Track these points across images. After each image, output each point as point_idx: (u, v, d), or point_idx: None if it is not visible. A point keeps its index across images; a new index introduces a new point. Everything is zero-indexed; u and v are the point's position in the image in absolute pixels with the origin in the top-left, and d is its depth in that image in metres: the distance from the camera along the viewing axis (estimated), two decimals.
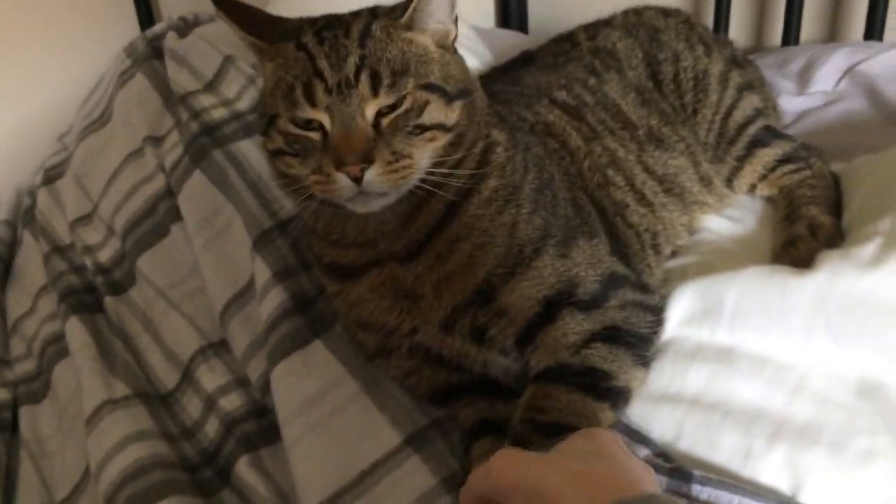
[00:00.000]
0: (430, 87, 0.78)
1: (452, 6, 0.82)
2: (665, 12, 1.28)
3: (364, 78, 0.74)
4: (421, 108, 0.77)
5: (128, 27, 1.68)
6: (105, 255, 1.25)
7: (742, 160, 1.13)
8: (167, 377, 1.08)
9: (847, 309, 0.85)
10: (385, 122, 0.75)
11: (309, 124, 0.76)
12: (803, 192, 1.08)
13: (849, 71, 1.41)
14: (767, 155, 1.12)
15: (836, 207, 1.07)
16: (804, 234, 1.02)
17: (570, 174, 0.96)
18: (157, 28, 1.49)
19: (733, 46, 1.30)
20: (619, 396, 0.81)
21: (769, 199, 1.14)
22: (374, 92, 0.75)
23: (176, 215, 1.18)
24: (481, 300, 0.83)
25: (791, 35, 1.58)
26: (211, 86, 1.25)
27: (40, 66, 1.63)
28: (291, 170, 0.80)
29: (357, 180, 0.73)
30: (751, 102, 1.16)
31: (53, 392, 1.12)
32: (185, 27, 1.46)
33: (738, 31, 1.70)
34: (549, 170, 0.91)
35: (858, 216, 1.01)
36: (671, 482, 0.77)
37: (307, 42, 0.77)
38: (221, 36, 1.35)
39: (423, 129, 0.77)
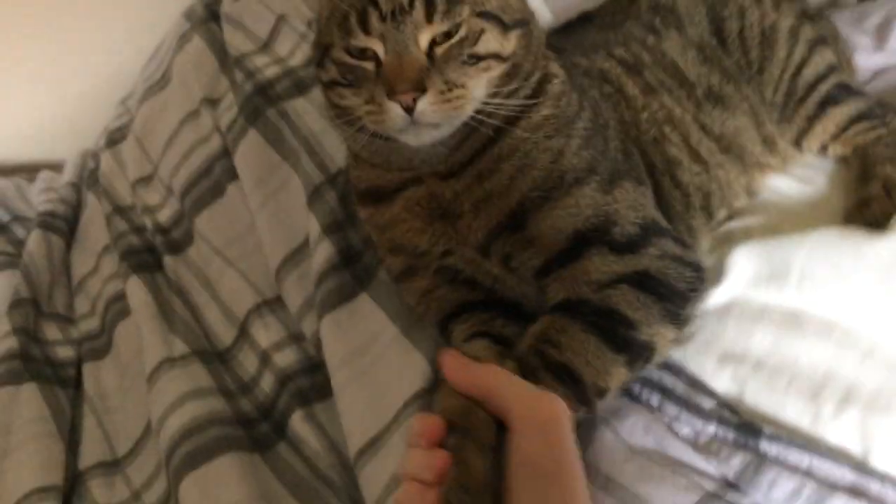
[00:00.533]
0: (485, 15, 0.76)
1: None
2: None
3: (418, 4, 0.73)
4: (476, 36, 0.76)
5: None
6: (164, 215, 1.27)
7: (812, 119, 1.07)
8: (225, 334, 1.09)
9: None
10: (439, 50, 0.74)
11: (363, 53, 0.76)
12: (879, 151, 1.03)
13: None
14: (840, 113, 1.06)
15: None
16: (879, 193, 0.97)
17: (626, 122, 0.94)
18: None
19: (805, 0, 1.23)
20: (638, 352, 0.76)
21: (842, 160, 1.09)
22: (429, 19, 0.74)
23: (232, 175, 1.19)
24: (513, 226, 0.81)
25: None
26: (265, 46, 1.26)
27: (103, 30, 1.66)
28: (344, 101, 0.79)
29: (409, 110, 0.73)
30: (823, 58, 1.11)
31: (116, 350, 1.15)
32: None
33: None
34: (605, 115, 0.89)
35: None
36: (738, 437, 0.76)
37: None
38: None
39: (478, 58, 0.76)
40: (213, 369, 1.04)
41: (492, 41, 0.77)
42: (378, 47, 0.75)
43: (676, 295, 0.78)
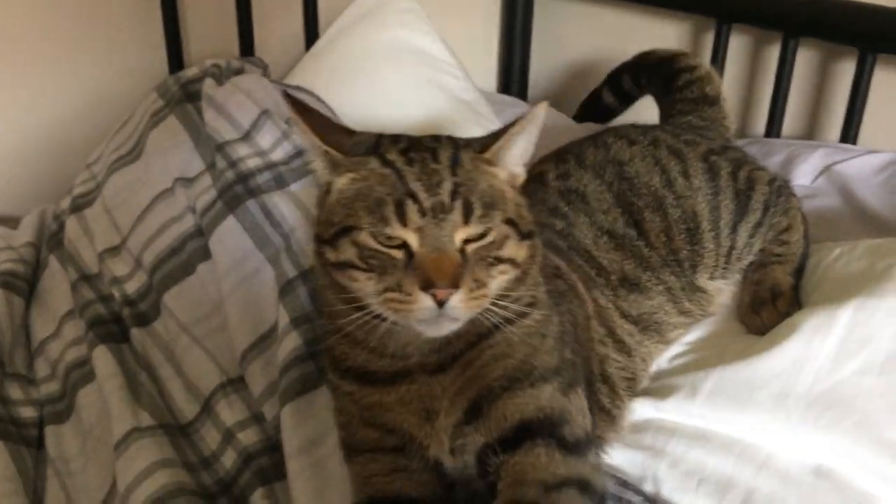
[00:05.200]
0: (510, 223, 0.83)
1: (527, 151, 0.87)
2: (632, 139, 1.24)
3: (458, 205, 0.78)
4: (502, 241, 0.81)
5: (156, 64, 1.75)
6: (132, 288, 1.30)
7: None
8: (187, 408, 1.14)
9: (804, 407, 0.96)
10: (470, 250, 0.79)
11: (390, 240, 0.79)
12: (772, 249, 1.18)
13: (826, 170, 1.53)
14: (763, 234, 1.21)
15: (802, 264, 1.17)
16: (767, 298, 1.13)
17: (578, 323, 0.99)
18: (190, 73, 1.56)
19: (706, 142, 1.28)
20: None
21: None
22: (466, 220, 0.79)
23: (203, 255, 1.26)
24: (469, 418, 0.86)
25: (774, 128, 1.71)
26: (247, 135, 1.33)
27: (65, 90, 1.68)
28: (355, 283, 0.81)
29: (441, 303, 0.76)
30: (756, 202, 1.19)
31: (77, 414, 1.18)
32: (219, 74, 1.54)
33: None
34: (567, 316, 0.96)
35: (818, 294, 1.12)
36: None
37: (394, 160, 0.81)
38: (259, 87, 1.46)
39: (499, 261, 0.81)
40: (175, 442, 1.09)
41: (512, 247, 0.82)
42: (412, 239, 0.78)
43: None
